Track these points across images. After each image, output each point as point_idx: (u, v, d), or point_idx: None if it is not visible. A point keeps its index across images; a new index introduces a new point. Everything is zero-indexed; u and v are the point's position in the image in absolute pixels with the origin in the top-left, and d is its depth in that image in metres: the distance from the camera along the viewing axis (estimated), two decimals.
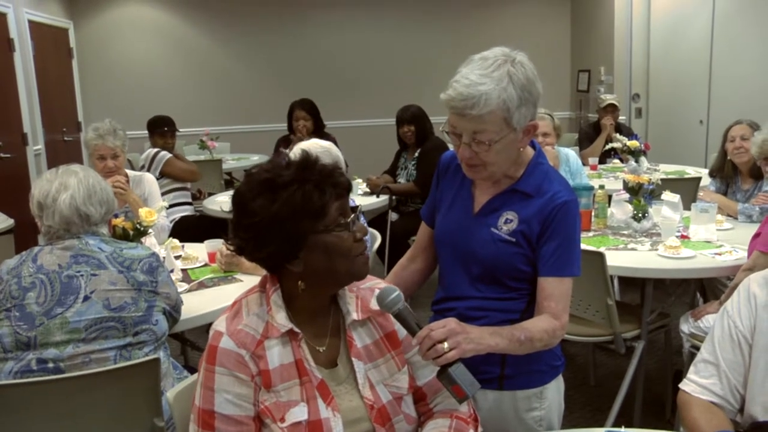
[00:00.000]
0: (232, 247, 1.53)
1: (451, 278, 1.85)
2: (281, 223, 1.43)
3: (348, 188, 1.51)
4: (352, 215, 1.50)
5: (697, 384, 1.66)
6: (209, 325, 2.85)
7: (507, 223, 1.75)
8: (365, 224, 1.75)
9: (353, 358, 1.54)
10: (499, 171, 1.74)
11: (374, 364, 1.57)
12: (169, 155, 4.92)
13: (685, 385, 1.68)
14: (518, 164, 1.78)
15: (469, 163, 1.71)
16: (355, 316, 1.56)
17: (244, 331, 1.46)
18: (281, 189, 1.43)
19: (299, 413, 1.45)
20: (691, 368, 1.70)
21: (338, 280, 1.52)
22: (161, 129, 5.17)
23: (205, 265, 3.15)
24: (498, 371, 1.80)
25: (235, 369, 1.44)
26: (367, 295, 1.60)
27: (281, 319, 1.48)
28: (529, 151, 1.81)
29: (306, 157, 1.49)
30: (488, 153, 1.66)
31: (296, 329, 1.49)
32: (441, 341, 1.49)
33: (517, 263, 1.74)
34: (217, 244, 3.17)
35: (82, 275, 2.08)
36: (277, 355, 1.47)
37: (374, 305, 1.58)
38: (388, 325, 1.60)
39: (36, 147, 6.62)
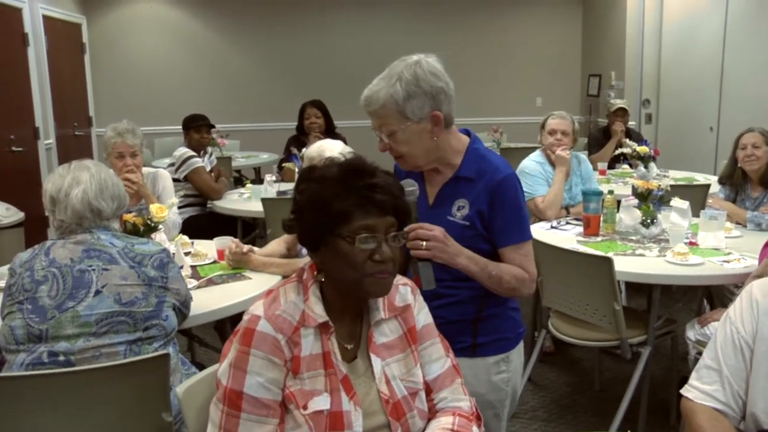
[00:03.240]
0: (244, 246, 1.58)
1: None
2: (307, 212, 1.52)
3: (389, 210, 1.49)
4: (384, 236, 1.49)
5: (700, 390, 1.66)
6: (217, 321, 2.92)
7: (460, 209, 1.95)
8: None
9: (371, 354, 1.58)
10: (423, 160, 1.95)
11: (394, 359, 1.61)
12: (200, 165, 4.88)
13: (687, 392, 1.69)
14: (456, 152, 1.98)
15: (392, 155, 1.95)
16: (382, 314, 1.61)
17: (282, 317, 1.50)
18: (318, 180, 1.51)
19: (322, 402, 1.49)
20: (694, 374, 1.71)
21: (347, 288, 1.54)
22: (197, 124, 5.17)
23: (214, 262, 3.17)
24: (471, 340, 2.00)
25: (271, 353, 1.47)
26: (392, 292, 1.63)
27: (318, 310, 1.53)
28: (464, 139, 2.02)
29: (359, 163, 1.53)
30: (398, 144, 1.91)
31: (330, 323, 1.53)
32: (424, 239, 1.77)
33: (477, 244, 1.92)
34: (226, 242, 3.18)
35: (93, 269, 2.09)
36: (309, 344, 1.51)
37: (399, 303, 1.65)
38: (411, 320, 1.66)
39: (47, 141, 6.67)
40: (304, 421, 1.47)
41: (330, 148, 2.99)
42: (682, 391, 1.70)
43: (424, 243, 1.78)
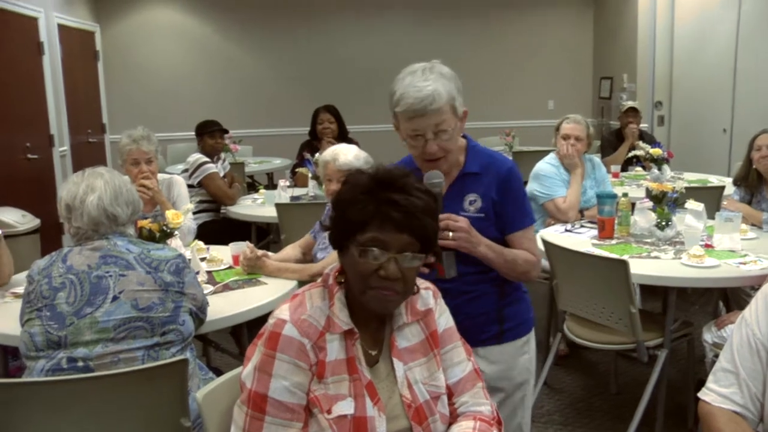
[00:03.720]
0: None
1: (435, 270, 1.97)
2: (334, 213, 1.56)
3: (405, 228, 1.47)
4: (395, 254, 1.48)
5: (718, 393, 1.66)
6: (233, 327, 2.92)
7: (472, 203, 2.04)
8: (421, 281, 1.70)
9: (393, 358, 1.59)
10: (453, 158, 2.02)
11: (417, 363, 1.61)
12: (214, 170, 4.91)
13: (705, 395, 1.68)
14: (461, 150, 2.07)
15: (433, 158, 1.95)
16: (405, 319, 1.62)
17: (308, 322, 1.51)
18: (349, 185, 1.54)
19: (346, 407, 1.49)
20: (710, 377, 1.70)
21: (358, 295, 1.53)
22: (211, 129, 5.19)
23: (230, 267, 3.18)
24: (498, 328, 2.11)
25: (297, 357, 1.48)
26: (415, 298, 1.65)
27: (344, 317, 1.54)
28: (462, 140, 2.10)
29: (390, 176, 1.52)
30: (449, 142, 1.94)
31: (355, 329, 1.54)
32: (452, 230, 1.87)
33: (490, 234, 2.02)
34: (241, 247, 3.20)
35: (110, 275, 2.11)
36: (334, 349, 1.52)
37: (421, 307, 1.65)
38: (432, 324, 1.66)
39: (62, 148, 6.72)
40: (328, 426, 1.47)
41: (344, 153, 3.01)
42: (700, 395, 1.70)
43: (451, 233, 1.88)
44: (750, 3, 6.66)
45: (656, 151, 5.28)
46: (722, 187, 4.60)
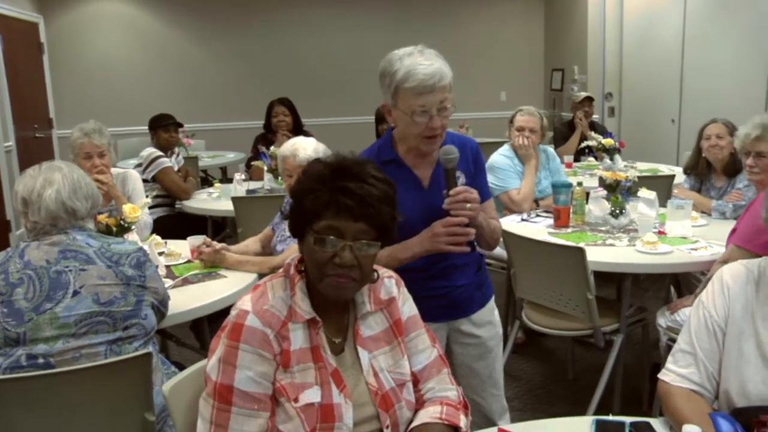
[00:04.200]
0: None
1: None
2: (294, 201, 1.56)
3: (359, 216, 1.48)
4: (351, 242, 1.48)
5: (676, 373, 1.71)
6: (193, 321, 2.89)
7: (458, 179, 2.11)
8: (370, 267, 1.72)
9: (358, 347, 1.60)
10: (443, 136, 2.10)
11: (381, 351, 1.62)
12: (168, 165, 4.85)
13: (664, 375, 1.73)
14: None
15: (434, 134, 2.04)
16: (368, 307, 1.63)
17: (270, 312, 1.51)
18: (306, 174, 1.54)
19: (313, 395, 1.50)
20: (669, 358, 1.76)
21: (315, 283, 1.54)
22: (165, 123, 5.12)
23: (188, 261, 3.15)
24: (480, 294, 2.33)
25: (260, 347, 1.48)
26: (377, 285, 1.66)
27: (305, 306, 1.54)
28: None
29: (346, 164, 1.52)
30: (446, 119, 2.05)
31: (317, 318, 1.54)
32: (471, 201, 1.99)
33: None
34: (199, 241, 3.17)
35: (70, 270, 2.07)
36: (298, 338, 1.52)
37: (384, 296, 1.66)
38: (396, 312, 1.67)
39: (7, 144, 6.55)
40: (296, 414, 1.48)
41: (303, 147, 2.99)
42: (660, 375, 1.75)
43: (468, 204, 1.99)
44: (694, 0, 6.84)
45: (608, 142, 5.39)
46: (672, 176, 4.71)
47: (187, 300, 2.63)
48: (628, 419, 1.64)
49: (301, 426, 1.47)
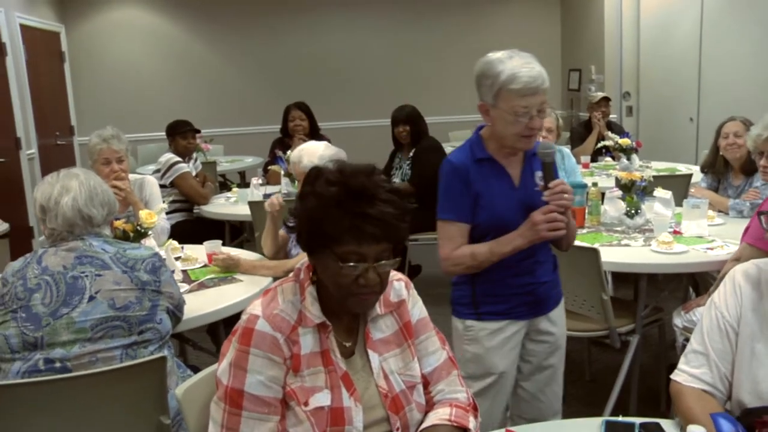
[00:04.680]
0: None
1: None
2: (303, 223, 1.53)
3: (381, 239, 1.47)
4: (373, 263, 1.48)
5: (688, 374, 1.71)
6: (210, 325, 2.93)
7: (540, 178, 2.17)
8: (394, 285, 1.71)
9: (369, 350, 1.61)
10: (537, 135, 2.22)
11: (392, 354, 1.64)
12: (186, 170, 4.89)
13: (676, 376, 1.73)
14: None
15: (533, 133, 2.14)
16: (378, 311, 1.64)
17: (280, 316, 1.52)
18: (318, 196, 1.49)
19: (323, 399, 1.52)
20: (682, 359, 1.75)
21: (339, 301, 1.54)
22: (182, 130, 5.17)
23: (205, 266, 3.18)
24: (557, 292, 2.43)
25: (270, 351, 1.49)
26: (388, 289, 1.66)
27: (315, 311, 1.55)
28: None
29: (360, 185, 1.48)
30: (544, 119, 2.20)
31: (327, 322, 1.55)
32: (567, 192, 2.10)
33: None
34: (216, 245, 3.20)
35: (86, 276, 2.11)
36: (308, 342, 1.54)
37: (394, 298, 1.67)
38: (405, 315, 1.69)
39: (29, 151, 6.64)
40: (306, 418, 1.50)
41: (309, 154, 2.99)
42: (672, 376, 1.74)
43: (566, 195, 2.10)
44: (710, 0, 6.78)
45: (625, 141, 5.35)
46: (690, 175, 4.68)
47: (203, 304, 2.67)
48: (638, 420, 1.64)
49: (311, 429, 1.49)
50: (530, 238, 2.13)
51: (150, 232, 3.09)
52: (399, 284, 1.71)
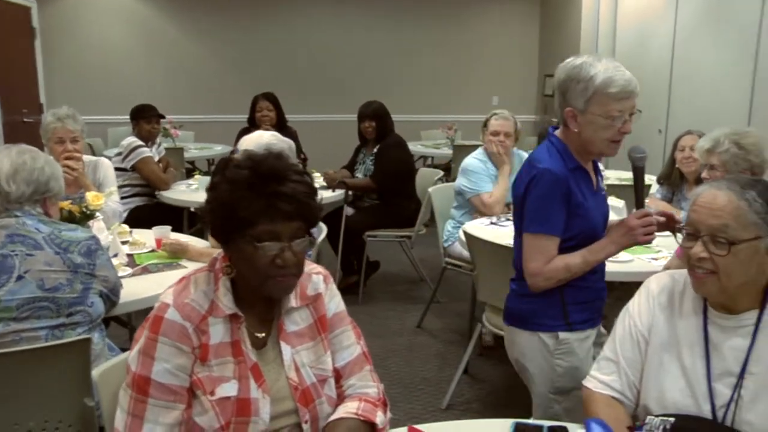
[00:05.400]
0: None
1: None
2: (214, 210, 1.53)
3: (294, 216, 1.50)
4: (288, 242, 1.50)
5: (599, 380, 1.74)
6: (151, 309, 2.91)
7: (600, 179, 2.29)
8: (308, 258, 1.70)
9: (281, 342, 1.61)
10: None
11: (304, 347, 1.64)
12: (148, 155, 4.87)
13: (587, 381, 1.76)
14: None
15: (622, 138, 2.15)
16: (293, 303, 1.64)
17: (191, 306, 1.52)
18: (229, 182, 1.51)
19: (229, 389, 1.52)
20: (594, 365, 1.78)
21: (253, 287, 1.56)
22: (147, 114, 5.14)
23: (152, 251, 3.17)
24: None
25: (178, 340, 1.50)
26: (304, 281, 1.66)
27: (227, 301, 1.55)
28: None
29: (271, 166, 1.51)
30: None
31: (239, 313, 1.56)
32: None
33: None
34: (165, 231, 3.19)
35: (16, 255, 2.09)
36: (218, 332, 1.54)
37: (311, 291, 1.67)
38: (321, 308, 1.68)
39: None
40: (211, 407, 1.50)
41: (253, 141, 2.93)
42: (584, 381, 1.77)
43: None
44: (686, 10, 6.84)
45: None
46: (648, 186, 4.72)
47: (144, 289, 2.65)
48: (547, 423, 1.66)
49: (216, 419, 1.50)
50: (624, 243, 2.12)
51: (98, 215, 3.07)
52: (317, 277, 1.71)
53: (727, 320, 1.60)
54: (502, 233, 3.62)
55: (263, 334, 1.62)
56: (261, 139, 2.94)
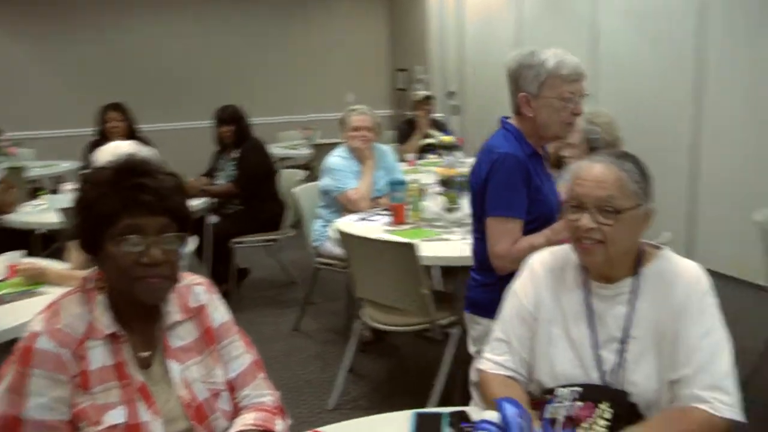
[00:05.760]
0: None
1: None
2: (80, 215, 1.45)
3: (158, 210, 1.44)
4: (155, 238, 1.43)
5: (493, 361, 1.77)
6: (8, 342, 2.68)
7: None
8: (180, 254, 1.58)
9: (167, 359, 1.53)
10: None
11: (193, 362, 1.56)
12: None
13: (481, 364, 1.79)
14: None
15: (574, 120, 2.27)
16: (177, 317, 1.56)
17: (64, 331, 1.42)
18: (88, 183, 1.46)
19: (117, 416, 1.42)
20: (487, 347, 1.82)
21: (124, 293, 1.47)
22: None
23: (4, 279, 2.92)
24: None
25: (54, 370, 1.38)
26: (185, 293, 1.59)
27: (106, 320, 1.45)
28: None
29: (132, 162, 1.46)
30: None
31: (119, 332, 1.46)
32: None
33: None
34: (16, 257, 2.96)
35: None
36: (98, 356, 1.44)
37: (193, 303, 1.60)
38: (206, 320, 1.61)
39: None
40: None
41: (108, 151, 2.81)
42: (477, 364, 1.79)
43: None
44: (528, 7, 7.18)
45: (447, 138, 5.51)
46: None
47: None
48: (446, 410, 1.67)
49: None
50: None
51: None
52: (199, 288, 1.64)
53: (607, 289, 1.67)
54: (373, 228, 3.63)
55: (148, 353, 1.52)
56: (118, 149, 2.77)
